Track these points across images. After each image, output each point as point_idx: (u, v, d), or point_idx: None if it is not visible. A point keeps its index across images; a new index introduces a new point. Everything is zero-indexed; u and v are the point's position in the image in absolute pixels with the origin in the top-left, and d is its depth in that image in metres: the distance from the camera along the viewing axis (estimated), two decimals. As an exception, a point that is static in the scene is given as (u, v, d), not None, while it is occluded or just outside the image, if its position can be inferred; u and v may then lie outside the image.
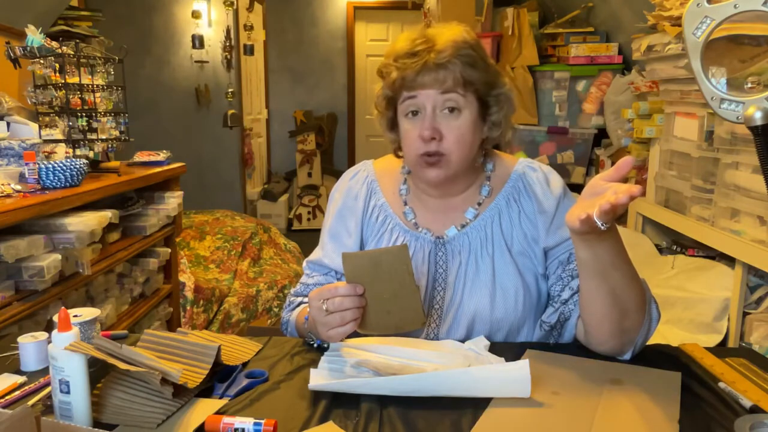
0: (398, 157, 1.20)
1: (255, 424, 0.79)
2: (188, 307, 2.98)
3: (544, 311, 1.13)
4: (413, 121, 1.07)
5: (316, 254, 1.24)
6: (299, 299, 1.22)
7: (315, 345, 1.07)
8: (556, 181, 1.15)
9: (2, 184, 1.68)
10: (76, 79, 2.08)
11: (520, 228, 1.12)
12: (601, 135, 3.04)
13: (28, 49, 1.96)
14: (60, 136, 2.05)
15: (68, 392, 0.80)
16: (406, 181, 1.20)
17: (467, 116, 1.06)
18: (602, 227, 0.82)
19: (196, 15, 4.84)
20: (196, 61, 5.01)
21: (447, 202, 1.16)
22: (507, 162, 1.19)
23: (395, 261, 0.93)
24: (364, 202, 1.20)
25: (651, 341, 1.08)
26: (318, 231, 1.30)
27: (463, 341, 1.07)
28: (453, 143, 1.05)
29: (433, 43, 1.04)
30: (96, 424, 0.83)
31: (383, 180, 1.22)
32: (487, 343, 1.04)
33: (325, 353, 1.01)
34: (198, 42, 4.84)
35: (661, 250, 2.39)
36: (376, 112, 1.18)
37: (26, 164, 1.76)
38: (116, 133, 2.23)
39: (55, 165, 1.76)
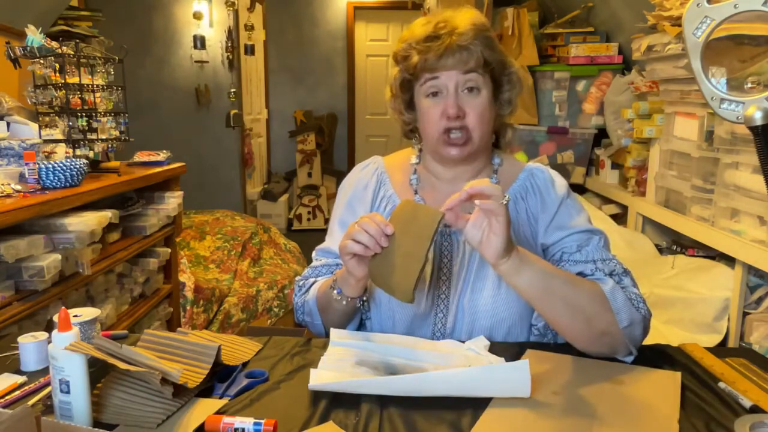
0: (408, 138, 1.23)
1: (255, 424, 0.79)
2: (188, 307, 2.98)
3: None
4: (434, 100, 1.11)
5: (325, 243, 1.25)
6: (311, 280, 1.22)
7: (338, 296, 1.07)
8: (561, 183, 1.18)
9: (2, 184, 1.68)
10: (76, 79, 2.08)
11: (527, 225, 1.14)
12: (601, 135, 3.04)
13: (28, 49, 1.96)
14: (60, 136, 2.05)
15: (68, 392, 0.80)
16: (416, 171, 1.22)
17: (485, 95, 1.11)
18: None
19: (197, 16, 4.84)
20: (196, 61, 5.01)
21: (457, 188, 1.17)
22: (515, 162, 1.22)
23: (427, 221, 0.96)
24: (373, 193, 1.22)
25: (651, 341, 1.08)
26: (318, 231, 1.31)
27: (469, 332, 1.08)
28: (475, 120, 1.09)
29: (454, 26, 1.08)
30: (96, 424, 0.83)
31: (393, 172, 1.24)
32: (487, 343, 1.04)
33: (325, 353, 1.01)
34: (200, 43, 4.84)
35: (661, 250, 2.39)
36: (389, 93, 1.21)
37: (26, 164, 1.76)
38: (116, 133, 2.23)
39: (55, 165, 1.76)
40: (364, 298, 1.12)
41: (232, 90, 5.03)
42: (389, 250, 0.98)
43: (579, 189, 3.13)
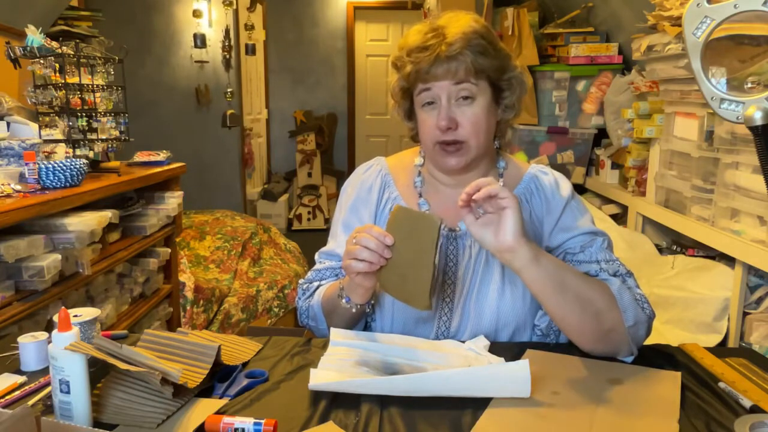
0: (416, 142, 1.23)
1: (255, 424, 0.79)
2: (188, 307, 2.98)
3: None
4: (429, 110, 1.11)
5: (328, 246, 1.24)
6: (315, 284, 1.22)
7: (346, 304, 1.07)
8: (565, 185, 1.17)
9: (2, 184, 1.68)
10: (76, 79, 2.08)
11: (531, 227, 1.14)
12: (601, 135, 3.04)
13: (28, 49, 1.96)
14: (60, 136, 2.05)
15: (68, 392, 0.80)
16: (420, 174, 1.22)
17: (481, 103, 1.09)
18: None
19: (196, 14, 4.83)
20: (196, 61, 5.00)
21: (461, 192, 1.17)
22: (519, 164, 1.22)
23: (426, 228, 0.96)
24: (378, 195, 1.21)
25: (651, 341, 1.08)
26: (318, 231, 1.31)
27: (472, 336, 1.08)
28: (469, 130, 1.08)
29: (443, 36, 1.07)
30: (96, 424, 0.83)
31: (397, 174, 1.23)
32: (487, 343, 1.04)
33: (325, 353, 1.01)
34: (200, 41, 4.83)
35: (661, 250, 2.39)
36: (392, 102, 1.21)
37: (26, 164, 1.76)
38: (116, 133, 2.23)
39: (55, 165, 1.76)
40: (372, 302, 1.12)
41: (229, 90, 5.03)
42: (395, 259, 0.98)
43: (579, 189, 3.12)
